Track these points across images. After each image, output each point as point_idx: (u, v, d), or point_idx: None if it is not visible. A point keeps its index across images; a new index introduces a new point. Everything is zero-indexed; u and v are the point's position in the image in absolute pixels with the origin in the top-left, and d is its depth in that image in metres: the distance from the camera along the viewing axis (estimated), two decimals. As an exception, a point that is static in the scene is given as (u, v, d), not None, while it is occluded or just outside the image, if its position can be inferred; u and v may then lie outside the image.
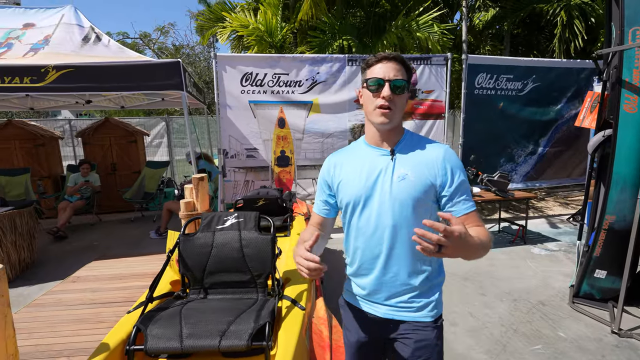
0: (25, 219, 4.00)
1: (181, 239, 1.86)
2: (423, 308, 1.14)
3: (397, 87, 1.06)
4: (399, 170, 1.10)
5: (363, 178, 1.12)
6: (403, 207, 1.07)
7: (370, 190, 1.11)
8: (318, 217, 1.29)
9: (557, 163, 5.78)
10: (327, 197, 1.26)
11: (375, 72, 1.08)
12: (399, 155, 1.12)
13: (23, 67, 3.66)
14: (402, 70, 1.09)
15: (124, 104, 6.60)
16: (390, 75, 1.06)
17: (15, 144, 6.11)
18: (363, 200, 1.12)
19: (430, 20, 5.46)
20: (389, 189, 1.09)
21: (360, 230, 1.14)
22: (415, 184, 1.07)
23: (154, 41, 16.00)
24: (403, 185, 1.08)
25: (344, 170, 1.18)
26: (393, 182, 1.09)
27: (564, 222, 5.56)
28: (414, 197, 1.07)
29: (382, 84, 1.06)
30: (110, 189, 6.60)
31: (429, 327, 1.13)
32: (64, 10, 4.88)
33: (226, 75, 4.68)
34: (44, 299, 3.25)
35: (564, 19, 5.65)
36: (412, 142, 1.15)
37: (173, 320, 1.49)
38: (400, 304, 1.14)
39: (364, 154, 1.17)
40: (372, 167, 1.12)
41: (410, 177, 1.08)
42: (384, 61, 1.09)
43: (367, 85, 1.10)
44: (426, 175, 1.08)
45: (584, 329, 2.70)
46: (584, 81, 5.57)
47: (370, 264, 1.15)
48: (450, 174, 1.09)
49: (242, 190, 4.95)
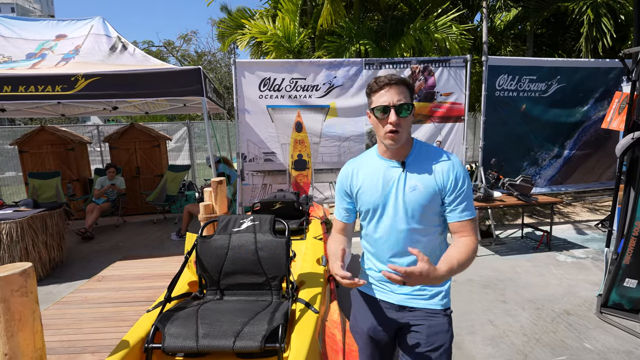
0: (55, 220, 4.21)
1: (199, 241, 1.91)
2: (434, 296, 1.25)
3: (402, 109, 1.15)
4: (410, 182, 1.21)
5: (379, 188, 1.25)
6: (415, 213, 1.21)
7: (385, 199, 1.24)
8: (340, 224, 1.40)
9: (584, 166, 5.55)
10: (347, 205, 1.37)
11: (380, 100, 1.16)
12: (409, 167, 1.23)
13: (54, 76, 3.87)
14: (405, 91, 1.16)
15: (148, 110, 6.84)
16: (395, 101, 1.14)
17: (48, 149, 6.45)
18: (380, 207, 1.25)
19: (448, 21, 5.38)
20: (402, 198, 1.21)
21: (378, 233, 1.27)
22: (424, 194, 1.20)
23: (177, 49, 16.53)
24: (414, 195, 1.20)
25: (360, 179, 1.30)
26: (405, 193, 1.21)
27: (591, 228, 5.32)
28: (424, 205, 1.20)
29: (388, 110, 1.14)
30: (135, 191, 6.86)
31: (439, 314, 1.23)
32: (93, 22, 5.13)
33: (245, 80, 4.77)
34: (71, 297, 3.40)
35: (590, 17, 5.43)
36: (421, 153, 1.25)
37: (190, 320, 1.53)
38: (412, 292, 1.25)
39: (377, 165, 1.27)
40: (387, 179, 1.24)
41: (420, 187, 1.20)
42: (386, 87, 1.16)
43: (374, 113, 1.18)
44: (433, 184, 1.20)
45: (613, 340, 2.57)
46: (613, 81, 5.33)
47: (386, 262, 1.25)
48: (454, 183, 1.19)
49: (260, 194, 5.02)
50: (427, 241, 1.25)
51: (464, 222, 1.20)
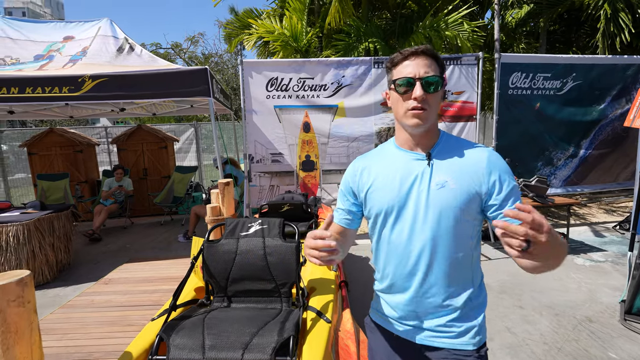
0: (62, 222, 4.18)
1: (205, 246, 1.84)
2: (464, 334, 1.00)
3: (430, 84, 0.93)
4: (438, 177, 0.97)
5: (396, 185, 1.00)
6: (442, 217, 0.95)
7: (404, 199, 0.99)
8: (338, 227, 1.13)
9: (601, 166, 5.36)
10: (350, 206, 1.12)
11: (403, 71, 0.95)
12: (436, 160, 0.99)
13: (62, 78, 3.85)
14: (434, 64, 0.96)
15: (155, 111, 6.83)
16: (421, 72, 0.93)
17: (56, 151, 6.47)
18: (396, 210, 1.00)
19: (459, 18, 5.26)
20: (426, 197, 0.97)
21: (393, 243, 1.02)
22: (456, 193, 0.95)
23: (184, 50, 16.61)
24: (442, 193, 0.96)
25: (372, 176, 1.06)
26: (430, 190, 0.97)
27: (609, 231, 5.14)
28: (456, 207, 0.95)
29: (413, 84, 0.93)
30: (142, 193, 6.84)
31: (471, 356, 0.99)
32: (100, 23, 5.12)
33: (252, 81, 4.71)
34: (77, 301, 3.36)
35: (608, 12, 5.25)
36: (450, 144, 1.02)
37: (196, 330, 1.46)
38: (438, 328, 1.01)
39: (395, 158, 1.04)
40: (406, 173, 1.00)
41: (451, 184, 0.96)
42: (411, 57, 0.95)
43: (395, 87, 0.97)
44: (469, 183, 0.96)
45: (639, 350, 2.43)
46: (631, 78, 5.15)
47: (404, 282, 1.02)
48: (499, 180, 0.96)
49: (267, 195, 4.95)
50: (457, 257, 0.98)
51: None
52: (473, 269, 1.03)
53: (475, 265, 1.04)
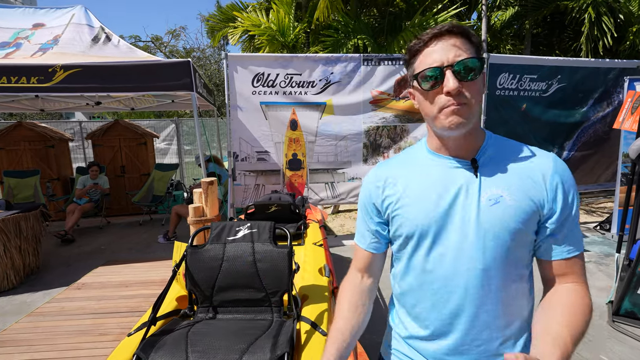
0: (31, 223, 3.89)
1: (188, 251, 1.68)
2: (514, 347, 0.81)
3: (466, 70, 0.71)
4: (489, 190, 0.76)
5: (433, 200, 0.79)
6: (498, 242, 0.75)
7: (444, 218, 0.78)
8: (366, 255, 0.92)
9: (583, 168, 5.48)
10: (376, 226, 0.90)
11: (426, 61, 0.74)
12: (485, 168, 0.79)
13: (30, 67, 3.57)
14: (467, 44, 0.73)
15: (134, 106, 6.51)
16: (450, 57, 0.71)
17: (25, 146, 6.07)
18: (433, 231, 0.79)
19: (448, 18, 5.24)
20: (476, 216, 0.76)
21: (428, 275, 0.80)
22: (515, 210, 0.75)
23: (165, 44, 16.07)
24: (497, 211, 0.75)
25: (400, 186, 0.84)
26: (481, 206, 0.76)
27: (590, 231, 5.25)
28: (513, 228, 0.74)
29: (442, 74, 0.72)
30: (119, 191, 6.53)
31: None
32: (74, 10, 4.81)
33: (237, 75, 4.53)
34: (46, 308, 3.11)
35: (592, 16, 5.36)
36: (501, 147, 0.82)
37: (178, 347, 1.31)
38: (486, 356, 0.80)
39: (429, 165, 0.83)
40: (447, 185, 0.79)
41: (507, 199, 0.75)
42: (434, 41, 0.73)
43: (419, 82, 0.75)
44: (529, 197, 0.75)
45: (629, 352, 2.43)
46: (612, 82, 5.27)
47: (444, 325, 0.81)
48: (563, 198, 0.75)
49: (252, 195, 4.78)
50: (514, 290, 0.78)
51: (572, 259, 0.76)
52: (529, 305, 0.82)
53: (532, 302, 0.83)
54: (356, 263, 0.95)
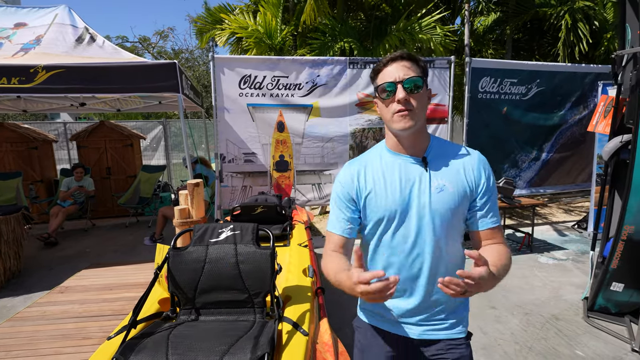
0: (12, 226, 3.82)
1: (171, 254, 1.70)
2: (457, 325, 1.09)
3: (412, 85, 0.97)
4: (436, 181, 1.02)
5: (396, 190, 1.02)
6: (444, 220, 1.01)
7: (406, 204, 1.01)
8: (340, 239, 1.09)
9: (561, 169, 5.65)
10: (352, 214, 1.08)
11: (384, 77, 1.00)
12: (432, 163, 1.04)
13: (11, 67, 3.51)
14: (414, 66, 0.99)
15: (120, 107, 6.44)
16: (401, 75, 0.97)
17: (7, 147, 5.94)
18: (399, 214, 1.02)
19: (432, 22, 5.34)
20: (428, 201, 1.00)
21: (396, 248, 1.04)
22: (454, 196, 1.01)
23: (153, 45, 15.87)
24: (442, 197, 1.00)
25: (369, 180, 1.06)
26: (432, 194, 1.00)
27: (569, 229, 5.42)
28: (454, 209, 1.01)
29: (394, 88, 0.97)
30: (105, 193, 6.44)
31: (462, 344, 1.08)
32: (57, 10, 4.74)
33: (224, 77, 4.53)
34: (27, 312, 3.06)
35: (568, 22, 5.54)
36: (442, 147, 1.07)
37: (158, 349, 1.32)
38: (435, 322, 1.08)
39: (391, 161, 1.06)
40: (405, 178, 1.03)
41: (449, 187, 1.01)
42: (391, 63, 1.00)
43: (379, 94, 1.01)
44: (462, 184, 1.02)
45: (603, 346, 2.54)
46: (589, 86, 5.45)
47: (408, 285, 1.05)
48: (486, 182, 1.04)
49: (239, 196, 4.79)
50: (456, 256, 1.06)
51: (495, 228, 1.04)
52: (463, 262, 1.10)
53: (464, 259, 1.10)
54: (330, 246, 1.10)
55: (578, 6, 5.67)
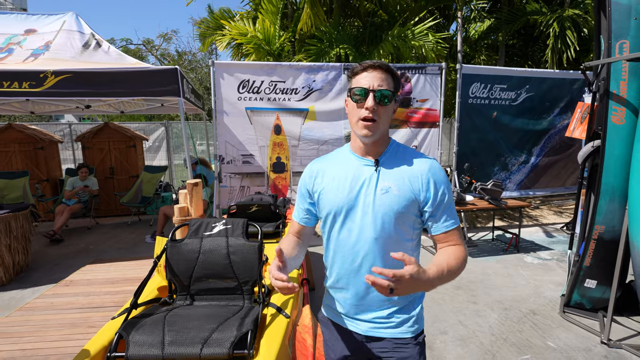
0: (20, 222, 4.02)
1: (168, 245, 1.88)
2: (403, 323, 1.11)
3: (383, 97, 1.01)
4: (382, 183, 1.06)
5: (346, 188, 1.09)
6: (385, 220, 1.04)
7: (352, 202, 1.07)
8: (297, 226, 1.25)
9: (550, 172, 5.81)
10: (308, 206, 1.21)
11: (360, 82, 1.04)
12: (383, 167, 1.09)
13: (22, 72, 3.71)
14: (389, 79, 1.04)
15: (123, 109, 6.65)
16: (375, 85, 1.02)
17: (15, 147, 6.16)
18: (345, 211, 1.08)
19: (425, 29, 5.53)
20: (372, 201, 1.05)
21: (341, 242, 1.11)
22: (398, 198, 1.04)
23: (156, 48, 16.15)
24: (386, 198, 1.05)
25: (325, 178, 1.14)
26: (376, 194, 1.05)
27: (557, 231, 5.57)
28: (396, 210, 1.04)
29: (367, 94, 1.02)
30: (108, 193, 6.64)
31: (409, 343, 1.10)
32: (65, 17, 4.95)
33: (224, 82, 4.73)
34: (35, 303, 3.26)
35: (556, 30, 5.72)
36: (398, 153, 1.12)
37: (156, 327, 1.51)
38: (380, 320, 1.11)
39: (347, 162, 1.13)
40: (356, 178, 1.09)
41: (394, 190, 1.05)
42: (369, 70, 1.04)
43: (351, 95, 1.06)
44: (409, 189, 1.05)
45: (574, 339, 2.70)
46: (577, 92, 5.61)
47: (349, 278, 1.11)
48: (434, 190, 1.06)
49: (237, 196, 4.98)
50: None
51: (449, 232, 1.07)
52: None
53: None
54: (291, 230, 1.28)
55: (567, 14, 5.84)
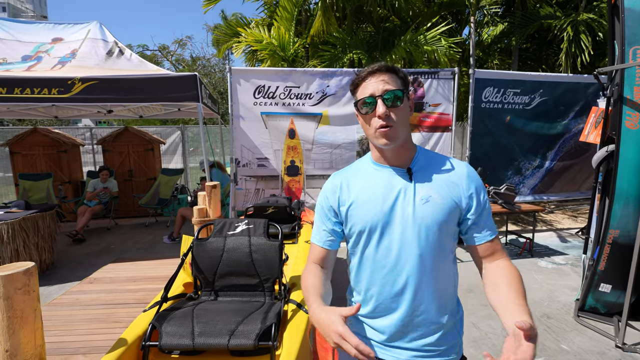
0: (47, 222, 4.21)
1: (195, 243, 1.99)
2: (451, 350, 1.02)
3: (391, 99, 0.92)
4: (422, 191, 0.97)
5: (379, 201, 0.98)
6: (429, 233, 0.95)
7: (388, 216, 0.97)
8: (320, 251, 1.08)
9: (565, 176, 5.77)
10: (333, 225, 1.06)
11: (363, 92, 0.96)
12: (417, 174, 0.99)
13: (51, 79, 3.92)
14: (393, 78, 0.95)
15: (142, 114, 6.88)
16: (380, 89, 0.93)
17: (40, 151, 6.43)
18: (380, 227, 0.97)
19: (438, 34, 5.59)
20: (412, 213, 0.95)
21: (378, 262, 0.99)
22: (441, 207, 0.95)
23: (172, 53, 16.56)
24: (428, 208, 0.95)
25: (352, 192, 1.02)
26: (416, 205, 0.95)
27: (572, 236, 5.52)
28: (440, 221, 0.95)
29: (374, 102, 0.93)
30: (127, 194, 6.87)
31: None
32: (90, 26, 5.19)
33: (240, 87, 4.88)
34: (62, 299, 3.41)
35: (570, 34, 5.70)
36: (429, 158, 1.03)
37: (185, 319, 1.61)
38: (427, 347, 1.00)
39: (374, 173, 1.02)
40: (388, 189, 0.98)
41: (436, 198, 0.96)
42: (369, 77, 0.96)
43: (359, 109, 0.97)
44: (451, 196, 0.97)
45: (588, 342, 2.71)
46: (592, 96, 5.58)
47: (392, 303, 0.99)
48: (476, 196, 0.98)
49: (252, 198, 5.10)
50: (443, 272, 0.99)
51: (494, 241, 0.98)
52: (454, 283, 1.05)
53: (455, 279, 1.05)
54: (312, 257, 1.10)
55: (582, 18, 5.82)
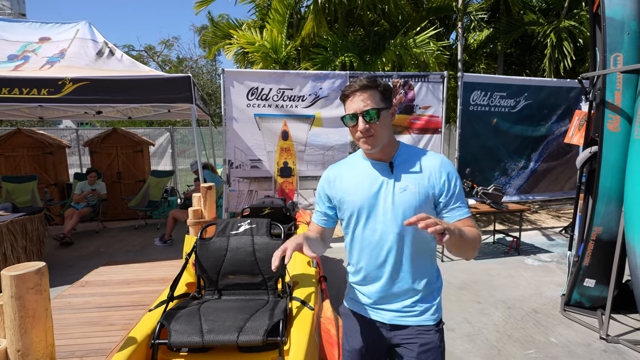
0: (35, 225, 4.12)
1: (198, 243, 2.01)
2: (426, 312, 1.21)
3: (371, 115, 1.10)
4: (401, 182, 1.16)
5: (365, 190, 1.18)
6: (406, 216, 1.13)
7: (373, 201, 1.17)
8: (317, 227, 1.33)
9: (549, 177, 5.99)
10: (326, 209, 1.30)
11: (348, 108, 1.15)
12: (398, 168, 1.19)
13: (41, 79, 3.84)
14: (374, 95, 1.12)
15: (131, 115, 6.78)
16: (361, 107, 1.11)
17: (24, 152, 6.26)
18: (367, 211, 1.18)
19: (426, 38, 5.73)
20: (392, 200, 1.15)
21: (366, 239, 1.20)
22: (416, 195, 1.14)
23: (158, 54, 16.34)
24: (405, 196, 1.15)
25: (344, 182, 1.23)
26: (395, 194, 1.15)
27: (556, 234, 5.73)
28: (415, 206, 1.14)
29: (357, 118, 1.11)
30: (115, 197, 6.74)
31: (431, 330, 1.20)
32: (78, 26, 5.10)
33: (233, 89, 4.88)
34: (54, 303, 3.34)
35: (553, 41, 5.95)
36: (409, 154, 1.22)
37: (193, 317, 1.63)
38: (405, 309, 1.21)
39: (363, 166, 1.23)
40: (374, 180, 1.19)
41: (412, 188, 1.15)
42: (351, 96, 1.14)
43: (345, 122, 1.16)
44: (425, 185, 1.15)
45: (574, 335, 2.84)
46: (573, 100, 5.82)
47: (376, 272, 1.21)
48: (447, 182, 1.16)
49: (245, 200, 5.10)
50: (420, 248, 1.19)
51: (464, 220, 1.15)
52: (432, 257, 1.25)
53: (433, 254, 1.26)
54: (310, 228, 1.36)
55: (563, 25, 6.07)
